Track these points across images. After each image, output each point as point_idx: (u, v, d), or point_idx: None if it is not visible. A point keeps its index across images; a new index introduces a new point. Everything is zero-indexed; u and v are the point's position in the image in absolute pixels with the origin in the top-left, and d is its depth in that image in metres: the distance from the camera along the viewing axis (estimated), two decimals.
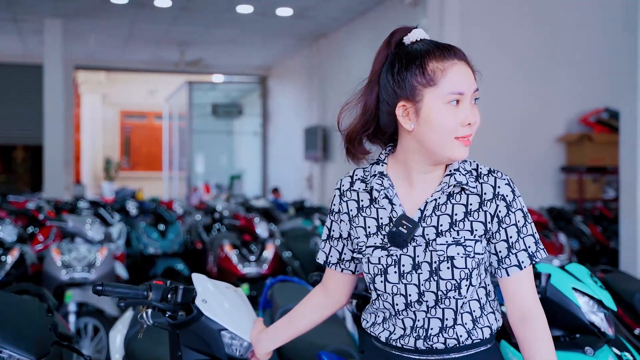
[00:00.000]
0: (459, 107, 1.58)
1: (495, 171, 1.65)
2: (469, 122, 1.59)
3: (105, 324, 4.66)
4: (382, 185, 1.68)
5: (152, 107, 21.90)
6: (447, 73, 1.57)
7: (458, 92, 1.57)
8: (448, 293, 1.59)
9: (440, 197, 1.63)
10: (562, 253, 6.16)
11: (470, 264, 1.59)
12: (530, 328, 1.63)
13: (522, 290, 1.64)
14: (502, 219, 1.61)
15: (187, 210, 9.91)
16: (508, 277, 1.64)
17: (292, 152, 14.23)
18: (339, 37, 11.83)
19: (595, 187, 8.90)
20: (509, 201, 1.61)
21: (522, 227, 1.62)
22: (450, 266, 1.58)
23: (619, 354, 2.42)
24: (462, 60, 1.61)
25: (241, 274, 5.71)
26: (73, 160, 13.87)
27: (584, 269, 2.55)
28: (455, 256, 1.58)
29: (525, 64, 8.78)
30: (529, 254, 1.62)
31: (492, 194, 1.61)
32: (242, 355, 2.15)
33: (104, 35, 12.49)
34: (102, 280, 2.11)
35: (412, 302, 1.62)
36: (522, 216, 1.62)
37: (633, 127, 5.60)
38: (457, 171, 1.63)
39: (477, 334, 1.64)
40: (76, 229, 5.25)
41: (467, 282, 1.59)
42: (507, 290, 1.66)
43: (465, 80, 1.59)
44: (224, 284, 2.24)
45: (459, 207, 1.62)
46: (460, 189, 1.62)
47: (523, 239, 1.62)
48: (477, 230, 1.61)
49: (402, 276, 1.62)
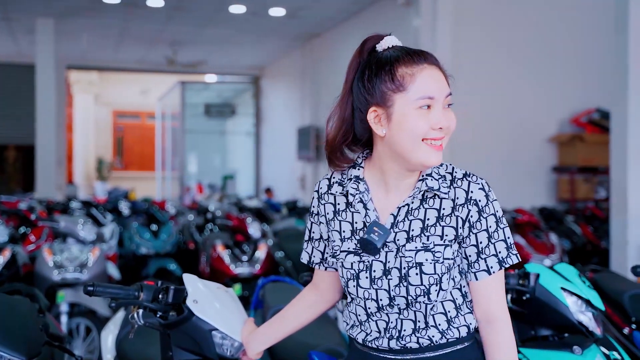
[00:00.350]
0: (430, 112, 1.58)
1: (470, 175, 1.64)
2: (440, 126, 1.58)
3: (97, 325, 4.66)
4: (358, 189, 1.68)
5: (145, 107, 21.86)
6: (416, 78, 1.57)
7: (428, 96, 1.57)
8: (418, 298, 1.60)
9: (413, 202, 1.63)
10: (554, 253, 6.19)
11: (439, 269, 1.59)
12: (494, 331, 1.64)
13: (490, 294, 1.64)
14: (473, 224, 1.61)
15: (180, 210, 9.90)
16: (477, 281, 1.64)
17: (285, 152, 14.23)
18: (332, 37, 11.84)
19: (586, 187, 8.94)
20: (481, 206, 1.60)
21: (494, 232, 1.61)
22: (419, 272, 1.58)
23: (607, 353, 2.44)
24: (433, 64, 1.61)
25: (233, 274, 5.72)
26: (65, 160, 13.83)
27: (572, 268, 2.57)
28: (423, 262, 1.58)
29: (518, 64, 8.81)
30: (498, 260, 1.62)
31: (464, 198, 1.61)
32: (233, 355, 2.16)
33: (96, 34, 12.46)
34: (94, 281, 2.11)
35: (383, 305, 1.64)
36: (494, 221, 1.61)
37: (623, 127, 5.63)
38: (430, 176, 1.63)
39: (453, 333, 1.64)
40: (68, 229, 5.24)
41: (436, 287, 1.60)
42: (475, 294, 1.66)
43: (435, 84, 1.58)
44: (215, 284, 2.25)
45: (432, 211, 1.62)
46: (434, 193, 1.62)
47: (494, 244, 1.61)
48: (447, 235, 1.61)
49: (373, 281, 1.63)
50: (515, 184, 8.55)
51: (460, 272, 1.66)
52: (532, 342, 2.50)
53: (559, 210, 8.09)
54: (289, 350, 2.92)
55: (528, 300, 2.47)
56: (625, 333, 3.30)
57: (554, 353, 2.39)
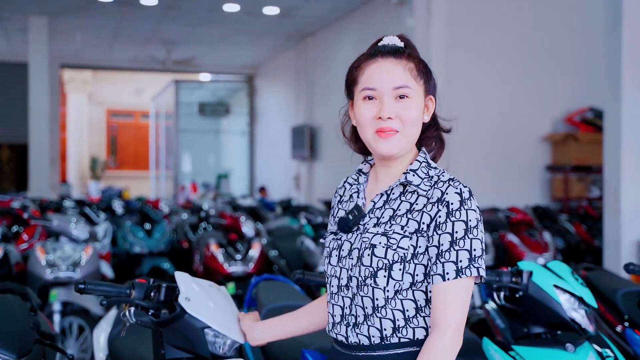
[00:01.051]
0: (375, 103, 1.66)
1: (455, 180, 1.64)
2: (381, 116, 1.64)
3: (90, 323, 4.64)
4: (357, 181, 1.80)
5: (139, 106, 21.82)
6: (364, 71, 1.69)
7: (368, 87, 1.67)
8: (366, 280, 1.63)
9: (393, 193, 1.70)
10: (547, 251, 6.21)
11: (390, 255, 1.60)
12: (430, 337, 1.57)
13: (441, 300, 1.57)
14: (439, 225, 1.59)
15: (174, 209, 9.88)
16: (433, 285, 1.60)
17: (279, 151, 14.22)
18: (326, 36, 11.84)
19: (580, 186, 8.96)
20: (452, 209, 1.59)
21: (459, 240, 1.57)
22: (371, 254, 1.62)
23: (599, 351, 2.44)
24: (390, 58, 1.67)
25: (227, 273, 5.71)
26: (59, 159, 13.78)
27: (565, 266, 2.58)
28: (377, 245, 1.62)
29: (511, 63, 8.82)
30: (457, 268, 1.56)
31: (437, 198, 1.62)
32: (226, 353, 2.15)
33: (90, 33, 12.43)
34: (86, 279, 2.11)
35: (342, 286, 1.69)
36: (463, 228, 1.58)
37: (617, 126, 5.64)
38: (415, 172, 1.68)
39: (407, 332, 1.63)
40: (61, 227, 5.23)
41: (385, 272, 1.60)
42: (432, 297, 1.61)
43: (380, 76, 1.66)
44: (207, 282, 2.25)
45: (405, 204, 1.67)
46: (414, 189, 1.66)
47: (456, 251, 1.57)
48: (409, 227, 1.63)
49: (340, 260, 1.70)
50: (509, 182, 8.57)
51: (425, 274, 1.63)
52: (525, 340, 2.50)
53: (552, 209, 8.10)
54: (282, 349, 2.91)
55: (521, 297, 2.47)
56: (618, 331, 3.30)
57: (547, 350, 2.40)
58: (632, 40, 5.61)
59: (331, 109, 11.65)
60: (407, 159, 1.73)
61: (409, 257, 1.61)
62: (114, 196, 13.01)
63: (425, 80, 1.70)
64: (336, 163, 11.48)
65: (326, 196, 10.64)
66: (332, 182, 11.46)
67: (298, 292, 3.57)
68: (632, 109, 5.62)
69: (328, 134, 11.77)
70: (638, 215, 5.64)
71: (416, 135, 1.70)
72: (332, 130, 8.93)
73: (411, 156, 1.73)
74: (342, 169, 11.17)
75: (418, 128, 1.70)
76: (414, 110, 1.66)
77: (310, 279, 2.38)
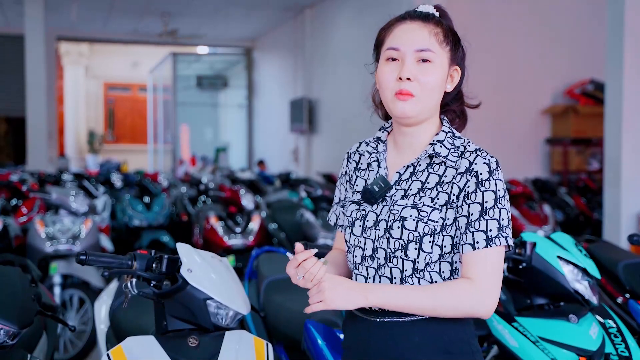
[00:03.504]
0: (397, 64, 1.64)
1: (482, 151, 1.64)
2: (401, 76, 1.62)
3: (90, 296, 4.64)
4: (376, 149, 1.76)
5: (136, 79, 21.69)
6: (391, 32, 1.67)
7: (392, 47, 1.65)
8: (395, 252, 1.62)
9: (420, 165, 1.67)
10: (547, 224, 6.21)
11: (421, 227, 1.60)
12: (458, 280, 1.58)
13: (471, 272, 1.57)
14: (468, 195, 1.59)
15: (173, 182, 9.87)
16: (463, 254, 1.60)
17: (278, 124, 14.17)
18: (324, 8, 11.73)
19: (579, 159, 8.95)
20: (481, 179, 1.59)
21: (489, 209, 1.58)
22: (401, 226, 1.61)
23: (602, 322, 2.44)
24: (417, 21, 1.65)
25: (227, 246, 5.71)
26: (56, 132, 13.72)
27: (569, 237, 2.57)
28: (407, 217, 1.61)
29: (511, 36, 8.75)
30: (487, 237, 1.57)
31: (465, 168, 1.61)
32: (228, 324, 2.15)
33: (86, 5, 12.30)
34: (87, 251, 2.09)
35: (366, 256, 1.68)
36: (492, 198, 1.58)
37: (618, 98, 5.61)
38: (441, 143, 1.66)
39: None
40: (60, 200, 5.20)
41: (415, 245, 1.60)
42: (462, 266, 1.61)
43: (405, 37, 1.64)
44: (209, 254, 2.24)
45: (434, 176, 1.65)
46: (442, 160, 1.65)
47: (486, 221, 1.57)
48: (439, 199, 1.62)
49: (364, 230, 1.68)
50: (509, 155, 8.54)
51: (453, 245, 1.63)
52: (528, 311, 2.50)
53: (552, 181, 8.10)
54: (285, 320, 2.92)
55: (524, 269, 2.46)
56: (619, 302, 3.31)
57: (550, 321, 2.39)
58: (634, 11, 5.55)
59: (330, 82, 11.62)
60: (429, 130, 1.70)
61: (438, 230, 1.61)
62: (112, 170, 12.99)
63: (452, 48, 1.67)
64: (335, 136, 11.44)
65: (325, 169, 10.62)
66: (330, 156, 11.44)
67: None
68: (634, 81, 5.58)
69: (327, 107, 11.72)
70: (638, 187, 5.63)
71: (435, 103, 1.67)
72: (330, 103, 8.96)
73: (435, 127, 1.71)
74: (340, 142, 11.14)
75: (437, 95, 1.67)
76: (435, 76, 1.63)
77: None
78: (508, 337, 2.40)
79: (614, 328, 2.41)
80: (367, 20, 9.25)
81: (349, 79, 10.38)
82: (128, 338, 2.04)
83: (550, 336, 2.34)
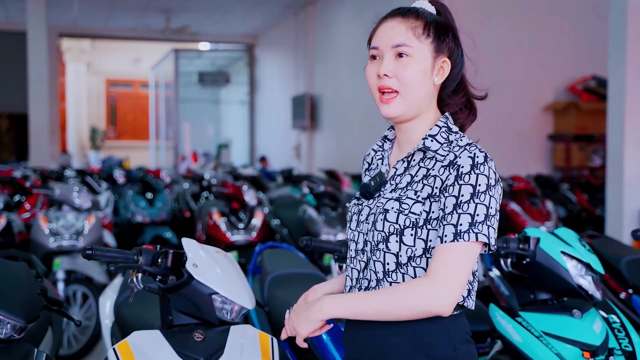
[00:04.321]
0: (378, 62, 1.66)
1: (472, 145, 1.61)
2: (379, 72, 1.63)
3: (94, 291, 4.65)
4: (382, 148, 1.79)
5: (138, 76, 21.69)
6: (375, 31, 1.70)
7: (373, 46, 1.68)
8: (378, 245, 1.63)
9: (413, 159, 1.68)
10: (549, 220, 6.22)
11: (402, 220, 1.59)
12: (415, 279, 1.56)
13: (432, 266, 1.53)
14: (446, 187, 1.57)
15: (175, 178, 9.87)
16: (434, 248, 1.57)
17: (280, 120, 14.17)
18: (326, 4, 11.72)
19: (581, 155, 8.95)
20: (461, 172, 1.56)
21: (463, 203, 1.53)
22: (383, 219, 1.62)
23: (606, 317, 2.45)
24: (397, 17, 1.66)
25: (230, 242, 5.71)
26: (59, 129, 13.74)
27: (572, 233, 2.57)
28: (389, 210, 1.61)
29: (513, 31, 8.74)
30: (455, 231, 1.52)
31: (449, 161, 1.60)
32: (233, 319, 2.15)
33: (88, 2, 12.30)
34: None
35: (358, 250, 1.70)
36: (469, 192, 1.54)
37: (621, 94, 5.60)
38: (433, 137, 1.66)
39: None
40: (63, 196, 5.21)
41: (396, 237, 1.60)
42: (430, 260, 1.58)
43: (383, 35, 1.66)
44: (214, 249, 2.24)
45: (423, 170, 1.65)
46: (433, 155, 1.64)
47: (458, 215, 1.53)
48: (422, 192, 1.61)
49: (358, 224, 1.71)
50: (511, 151, 8.55)
51: None
52: (531, 306, 2.51)
53: (554, 177, 8.10)
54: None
55: (528, 264, 2.47)
56: (622, 298, 3.31)
57: (554, 317, 2.40)
58: (637, 7, 5.54)
59: (332, 78, 11.61)
60: (424, 125, 1.69)
61: (421, 223, 1.59)
62: (114, 166, 12.99)
63: (434, 39, 1.65)
64: (336, 132, 11.44)
65: (326, 165, 10.62)
66: (332, 152, 11.44)
67: (302, 259, 3.58)
68: (636, 77, 5.56)
69: (328, 103, 11.71)
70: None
71: (421, 97, 1.65)
72: (332, 99, 8.94)
73: (431, 121, 1.69)
74: (342, 139, 11.15)
75: (422, 89, 1.64)
76: (413, 70, 1.62)
77: (317, 246, 2.37)
78: (512, 332, 2.40)
79: (617, 323, 2.41)
80: (369, 16, 9.16)
81: (350, 75, 10.38)
82: (134, 333, 2.05)
83: (554, 331, 2.35)
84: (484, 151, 1.60)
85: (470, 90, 1.77)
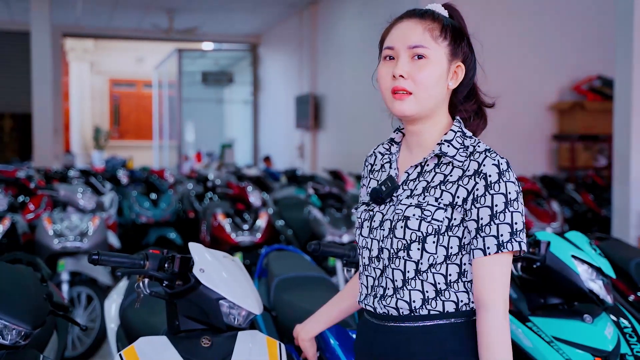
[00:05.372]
0: (393, 62, 1.63)
1: (491, 152, 1.59)
2: (394, 73, 1.61)
3: (98, 293, 4.64)
4: (389, 151, 1.75)
5: (141, 75, 21.69)
6: (389, 31, 1.67)
7: (387, 46, 1.65)
8: (398, 252, 1.60)
9: (427, 165, 1.65)
10: (555, 221, 6.19)
11: (424, 227, 1.57)
12: (481, 319, 1.56)
13: (483, 276, 1.55)
14: (477, 198, 1.55)
15: (179, 179, 9.86)
16: (474, 259, 1.57)
17: (283, 120, 14.15)
18: (330, 3, 11.69)
19: (587, 155, 8.92)
20: (490, 182, 1.55)
21: (499, 213, 1.54)
22: (404, 226, 1.59)
23: (617, 321, 2.42)
24: (414, 18, 1.64)
25: (235, 243, 5.70)
26: (62, 128, 13.73)
27: (583, 236, 2.54)
28: (410, 217, 1.59)
29: (518, 31, 8.71)
30: (498, 242, 1.53)
31: (474, 170, 1.57)
32: (241, 324, 2.13)
33: (91, 1, 12.29)
34: (96, 249, 2.06)
35: (372, 257, 1.67)
36: (503, 201, 1.54)
37: (627, 95, 5.57)
38: (449, 142, 1.63)
39: (436, 304, 1.60)
40: (68, 197, 5.20)
41: (418, 245, 1.58)
42: (473, 273, 1.59)
43: (400, 35, 1.63)
44: (221, 253, 2.22)
45: (440, 176, 1.62)
46: (450, 160, 1.62)
47: (497, 225, 1.54)
48: (443, 198, 1.58)
49: (371, 231, 1.67)
50: (516, 152, 8.51)
51: (460, 246, 1.60)
52: (541, 311, 2.48)
53: (559, 178, 8.07)
54: (296, 319, 2.89)
55: (538, 268, 2.44)
56: (631, 300, 3.29)
57: (565, 321, 2.37)
58: None
59: (335, 78, 11.58)
60: (437, 128, 1.67)
61: (443, 230, 1.58)
62: (118, 166, 12.99)
63: (451, 43, 1.63)
64: (340, 132, 11.42)
65: (330, 165, 10.60)
66: (336, 152, 11.42)
67: (309, 262, 3.55)
68: None
69: (332, 103, 11.69)
70: None
71: (435, 99, 1.63)
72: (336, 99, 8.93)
73: (442, 126, 1.67)
74: (346, 138, 11.13)
75: (436, 92, 1.62)
76: (430, 72, 1.60)
77: (326, 250, 2.34)
78: (522, 337, 2.38)
79: (629, 328, 2.38)
80: (373, 15, 9.21)
81: (354, 74, 10.35)
82: (140, 338, 2.03)
83: (564, 336, 2.32)
84: (504, 157, 1.60)
85: (482, 98, 1.75)
